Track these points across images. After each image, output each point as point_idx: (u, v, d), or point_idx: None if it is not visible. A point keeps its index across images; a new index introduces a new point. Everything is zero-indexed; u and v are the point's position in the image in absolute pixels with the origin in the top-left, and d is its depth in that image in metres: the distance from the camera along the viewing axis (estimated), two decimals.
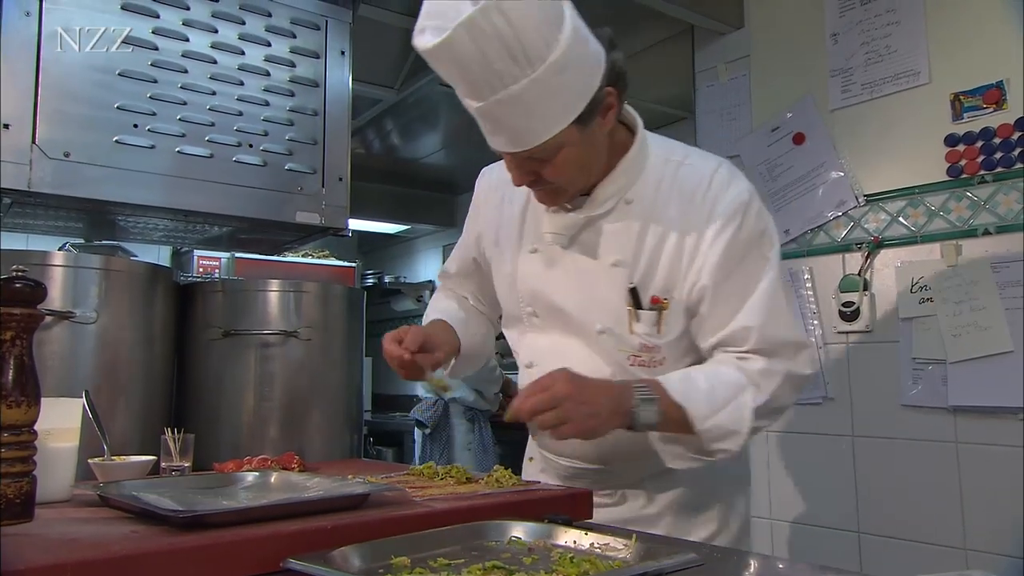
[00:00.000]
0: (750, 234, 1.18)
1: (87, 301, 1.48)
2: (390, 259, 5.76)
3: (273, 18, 1.77)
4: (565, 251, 1.23)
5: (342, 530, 0.86)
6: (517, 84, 1.00)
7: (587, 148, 1.13)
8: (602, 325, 1.20)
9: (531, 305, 1.28)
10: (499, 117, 1.05)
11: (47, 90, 1.47)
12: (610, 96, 1.12)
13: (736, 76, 2.57)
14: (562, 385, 1.05)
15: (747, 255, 1.17)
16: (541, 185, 1.15)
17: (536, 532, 0.93)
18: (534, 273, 1.27)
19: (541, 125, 1.05)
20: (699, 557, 0.84)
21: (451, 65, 1.02)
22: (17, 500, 0.89)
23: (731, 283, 1.16)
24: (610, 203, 1.20)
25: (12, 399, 0.89)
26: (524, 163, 1.12)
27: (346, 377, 1.83)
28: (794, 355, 1.17)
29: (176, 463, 1.33)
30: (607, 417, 1.07)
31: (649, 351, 1.20)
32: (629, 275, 1.19)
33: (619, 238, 1.20)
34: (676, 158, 1.24)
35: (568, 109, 1.06)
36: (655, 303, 1.18)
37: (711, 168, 1.22)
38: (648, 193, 1.21)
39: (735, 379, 1.14)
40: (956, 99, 2.02)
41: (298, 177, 1.77)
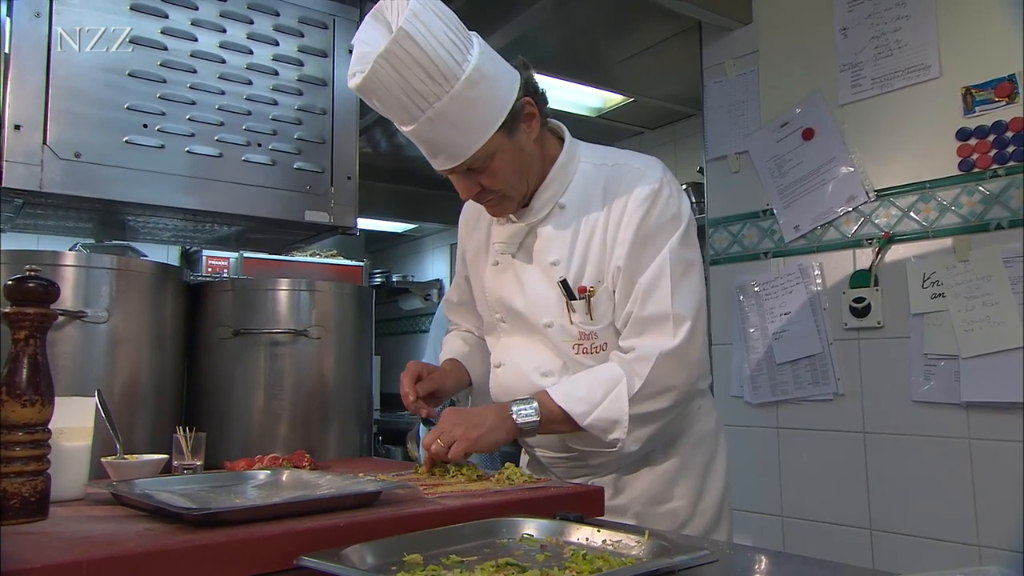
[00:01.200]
0: (658, 219, 1.28)
1: (99, 301, 1.48)
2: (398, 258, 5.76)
3: (281, 17, 1.77)
4: (514, 259, 1.38)
5: (354, 528, 0.86)
6: (440, 101, 1.14)
7: (518, 154, 1.27)
8: (547, 319, 1.33)
9: (498, 312, 1.42)
10: (432, 136, 1.19)
11: (57, 91, 1.48)
12: (529, 105, 1.26)
13: (744, 72, 2.56)
14: (446, 419, 1.24)
15: (654, 239, 1.28)
16: (487, 196, 1.30)
17: (548, 529, 0.93)
18: (495, 283, 1.42)
19: (469, 136, 1.19)
20: (712, 554, 0.83)
21: (382, 94, 1.15)
22: (32, 498, 0.89)
23: (637, 265, 1.28)
24: (546, 209, 1.34)
25: (26, 398, 0.90)
26: (466, 177, 1.26)
27: (355, 376, 1.83)
28: (670, 330, 1.25)
29: (188, 461, 1.33)
30: (491, 427, 1.21)
31: (588, 338, 1.32)
32: (564, 271, 1.31)
33: (555, 240, 1.33)
34: (606, 162, 1.37)
35: (491, 119, 1.20)
36: (583, 292, 1.30)
37: (630, 164, 1.35)
38: (578, 197, 1.34)
39: (612, 373, 1.26)
40: (967, 93, 2.00)
41: (307, 176, 1.78)
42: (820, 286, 2.29)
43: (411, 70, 1.12)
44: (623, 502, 1.36)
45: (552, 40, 2.78)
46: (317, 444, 1.68)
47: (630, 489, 1.37)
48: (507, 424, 1.22)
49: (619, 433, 1.24)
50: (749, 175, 2.50)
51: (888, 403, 2.11)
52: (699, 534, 1.36)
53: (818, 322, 2.27)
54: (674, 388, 1.27)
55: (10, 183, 1.41)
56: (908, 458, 2.06)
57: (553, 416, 1.23)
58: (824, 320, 2.26)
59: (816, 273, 2.30)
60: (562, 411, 1.23)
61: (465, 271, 1.58)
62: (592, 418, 1.23)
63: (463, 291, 1.62)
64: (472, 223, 1.54)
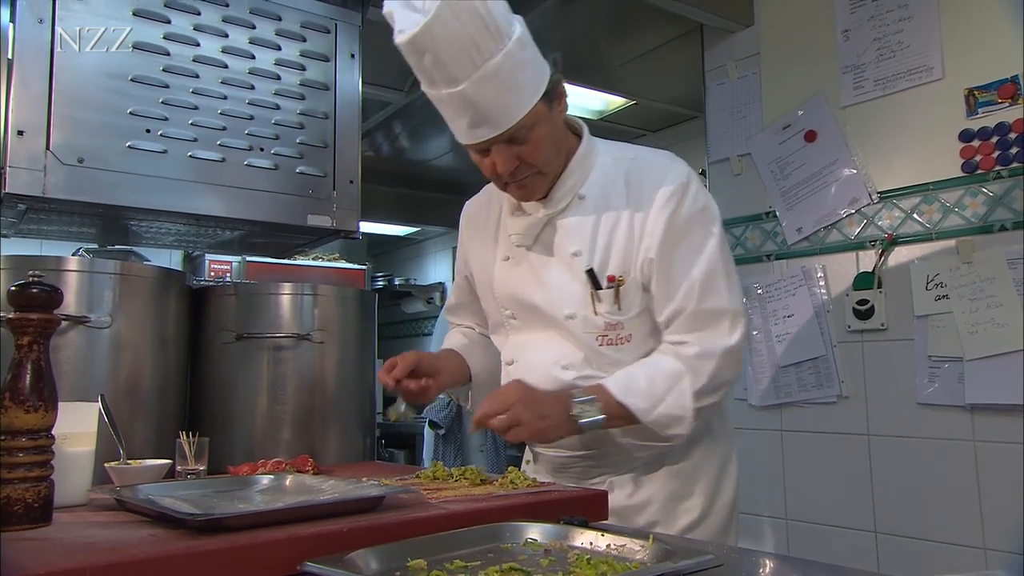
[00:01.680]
0: (690, 210, 1.28)
1: (102, 306, 1.49)
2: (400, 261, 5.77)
3: (283, 22, 1.77)
4: (530, 251, 1.36)
5: (358, 533, 0.86)
6: (494, 58, 1.12)
7: (555, 130, 1.26)
8: (569, 311, 1.30)
9: (508, 308, 1.40)
10: (480, 98, 1.14)
11: (60, 96, 1.48)
12: (560, 83, 1.26)
13: (746, 74, 2.56)
14: (513, 393, 1.20)
15: (689, 229, 1.28)
16: (523, 172, 1.25)
17: (552, 533, 0.93)
18: (508, 278, 1.39)
19: (518, 99, 1.16)
20: (716, 558, 0.83)
21: (439, 44, 1.10)
22: (36, 504, 0.89)
23: (675, 257, 1.27)
24: (565, 200, 1.32)
25: (30, 404, 0.90)
26: (507, 148, 1.21)
27: (358, 379, 1.83)
28: (728, 327, 1.27)
29: (191, 467, 1.33)
30: (557, 422, 1.19)
31: (614, 328, 1.30)
32: (587, 262, 1.29)
33: (576, 231, 1.31)
34: (625, 155, 1.37)
35: (536, 84, 1.19)
36: (611, 281, 1.29)
37: (652, 158, 1.35)
38: (598, 188, 1.33)
39: (673, 368, 1.25)
40: (970, 94, 2.00)
41: (309, 180, 1.78)
42: (823, 288, 2.28)
43: (472, 20, 1.09)
44: (641, 500, 1.35)
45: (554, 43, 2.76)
46: (320, 448, 1.68)
47: (648, 487, 1.35)
48: (569, 425, 1.20)
49: (681, 429, 1.24)
50: (751, 177, 2.50)
51: (892, 405, 2.11)
52: (712, 534, 1.35)
53: (821, 324, 2.27)
54: (727, 383, 1.29)
55: (13, 188, 1.41)
56: (912, 461, 2.06)
57: (613, 412, 1.22)
58: (827, 322, 2.26)
59: (819, 275, 2.29)
60: (622, 407, 1.21)
61: (465, 271, 1.56)
62: (656, 414, 1.22)
63: (462, 292, 1.60)
64: (477, 220, 1.51)
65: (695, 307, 1.26)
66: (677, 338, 1.28)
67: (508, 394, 1.20)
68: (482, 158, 1.26)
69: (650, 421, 1.22)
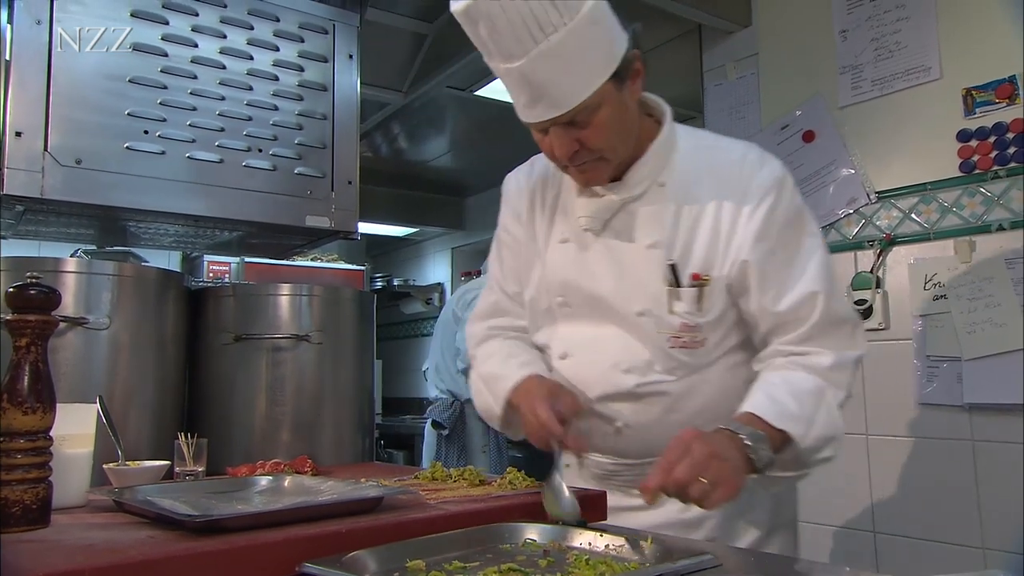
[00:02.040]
0: (787, 210, 1.17)
1: (100, 307, 1.49)
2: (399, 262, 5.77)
3: (281, 23, 1.77)
4: (598, 237, 1.22)
5: (357, 534, 0.86)
6: (557, 33, 1.01)
7: (623, 112, 1.13)
8: (641, 307, 1.17)
9: (562, 295, 1.25)
10: (539, 76, 1.04)
11: (58, 98, 1.48)
12: (638, 61, 1.13)
13: (744, 75, 2.56)
14: (701, 447, 0.96)
15: (788, 229, 1.17)
16: (583, 156, 1.13)
17: (550, 534, 0.93)
18: (565, 262, 1.25)
19: (581, 80, 1.05)
20: (715, 558, 0.83)
21: (494, 17, 1.01)
22: (34, 506, 0.89)
23: (778, 258, 1.16)
24: (643, 186, 1.20)
25: (28, 405, 0.89)
26: (566, 131, 1.10)
27: (357, 380, 1.83)
28: (851, 334, 1.17)
29: (190, 468, 1.33)
30: (744, 468, 1.00)
31: (690, 331, 1.17)
32: (666, 255, 1.17)
33: (654, 220, 1.19)
34: (707, 144, 1.26)
35: (604, 63, 1.07)
36: (695, 280, 1.16)
37: (741, 150, 1.23)
38: (680, 176, 1.20)
39: (812, 384, 1.12)
40: (968, 94, 2.00)
41: (307, 181, 1.78)
42: None
43: None
44: (697, 515, 1.16)
45: None
46: (319, 449, 1.68)
47: None
48: (749, 468, 1.02)
49: (831, 451, 1.11)
50: None
51: (890, 405, 2.11)
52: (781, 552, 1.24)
53: None
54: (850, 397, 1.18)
55: (11, 190, 1.41)
56: (911, 460, 2.06)
57: (774, 443, 1.04)
58: None
59: None
60: (781, 435, 1.05)
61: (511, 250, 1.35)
62: (812, 437, 1.08)
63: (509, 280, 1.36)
64: (528, 192, 1.33)
65: (822, 314, 1.14)
66: (799, 348, 1.15)
67: (695, 450, 0.95)
68: (542, 137, 1.14)
69: (807, 447, 1.07)
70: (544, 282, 1.28)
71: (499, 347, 1.33)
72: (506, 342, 1.35)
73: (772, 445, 1.04)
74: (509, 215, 1.37)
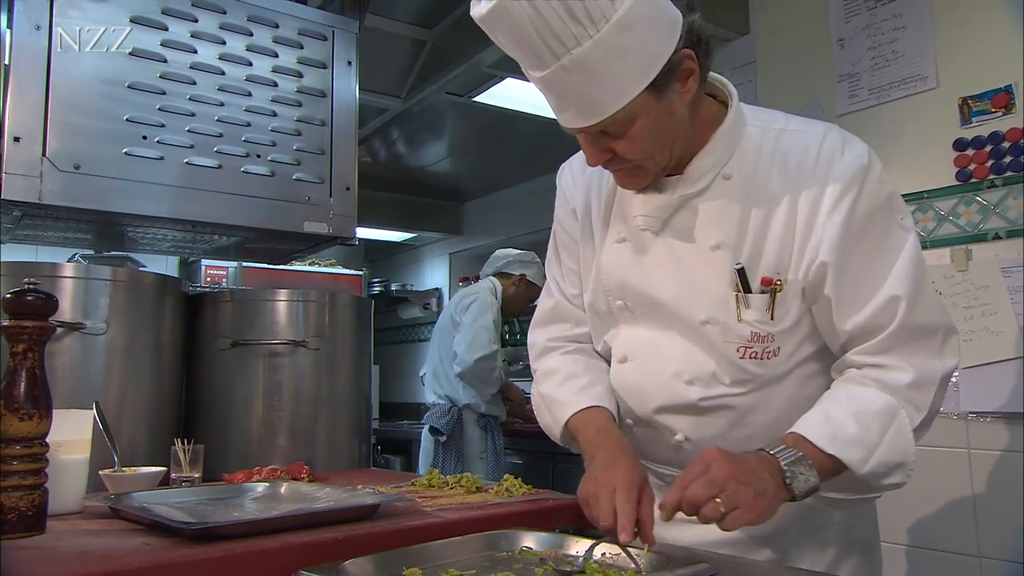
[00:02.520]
0: (874, 201, 1.04)
1: (97, 312, 1.48)
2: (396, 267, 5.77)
3: (280, 29, 1.78)
4: (657, 236, 1.11)
5: (353, 541, 0.86)
6: (581, 47, 0.92)
7: (665, 119, 1.01)
8: (706, 315, 1.06)
9: (621, 298, 1.15)
10: (564, 87, 0.96)
11: (57, 103, 1.48)
12: (689, 60, 1.00)
13: (742, 82, 2.57)
14: (721, 466, 0.90)
15: (874, 225, 1.04)
16: (618, 164, 1.05)
17: (547, 542, 0.93)
18: (623, 263, 1.14)
19: (611, 93, 0.96)
20: (712, 567, 0.83)
21: (509, 30, 0.94)
22: (29, 512, 0.89)
23: (859, 258, 1.03)
24: (706, 179, 1.08)
25: (24, 412, 0.89)
26: (597, 139, 1.02)
27: (354, 386, 1.83)
28: (940, 345, 1.03)
29: (186, 474, 1.33)
30: (773, 496, 0.91)
31: (761, 341, 1.06)
32: (733, 257, 1.06)
33: (719, 218, 1.07)
34: (777, 126, 1.11)
35: (640, 74, 0.96)
36: (766, 285, 1.05)
37: (819, 133, 1.09)
38: (748, 167, 1.08)
39: (884, 404, 1.00)
40: (964, 103, 2.01)
41: (306, 187, 1.78)
42: None
43: (549, 4, 0.90)
44: (762, 531, 1.07)
45: None
46: (316, 455, 1.68)
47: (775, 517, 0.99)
48: (783, 494, 0.92)
49: (900, 477, 1.00)
50: None
51: None
52: None
53: None
54: (938, 413, 1.04)
55: (9, 195, 1.41)
56: None
57: (825, 469, 0.95)
58: None
59: None
60: (833, 460, 0.96)
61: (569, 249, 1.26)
62: (872, 464, 0.97)
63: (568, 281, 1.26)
64: (584, 184, 1.23)
65: (902, 322, 1.01)
66: (877, 360, 1.03)
67: (715, 470, 0.89)
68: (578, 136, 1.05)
69: (866, 473, 0.97)
70: (601, 285, 1.18)
71: (559, 364, 1.24)
72: (566, 358, 1.24)
73: (823, 469, 0.95)
74: (564, 210, 1.26)
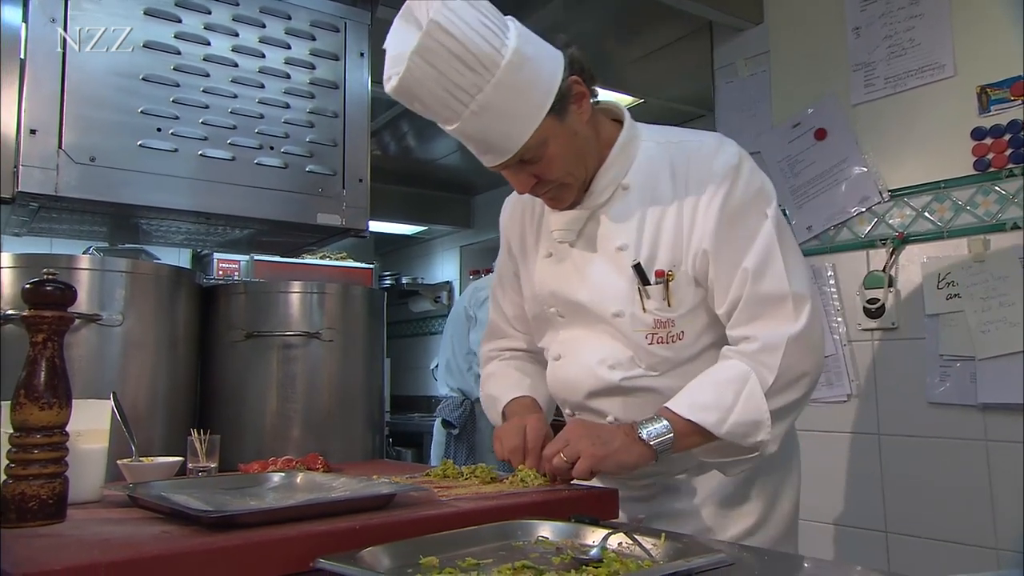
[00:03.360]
0: (744, 194, 1.19)
1: (113, 304, 1.49)
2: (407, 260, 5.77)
3: (293, 21, 1.78)
4: (573, 247, 1.29)
5: (370, 530, 0.86)
6: (482, 92, 1.07)
7: (572, 139, 1.18)
8: (616, 308, 1.23)
9: (553, 305, 1.32)
10: (479, 132, 1.11)
11: (72, 96, 1.49)
12: (577, 84, 1.17)
13: (756, 72, 2.55)
14: (572, 430, 1.14)
15: (744, 216, 1.19)
16: (545, 187, 1.21)
17: (563, 532, 0.93)
18: (550, 274, 1.32)
19: (518, 126, 1.11)
20: (728, 557, 0.83)
21: (421, 94, 1.09)
22: (50, 500, 0.90)
23: (729, 246, 1.18)
24: (608, 192, 1.25)
25: (44, 401, 0.90)
26: (520, 169, 1.18)
27: (368, 378, 1.83)
28: (792, 311, 1.16)
29: (202, 464, 1.34)
30: (620, 447, 1.11)
31: (664, 326, 1.22)
32: (634, 256, 1.22)
33: (621, 224, 1.24)
34: (669, 139, 1.28)
35: (538, 104, 1.12)
36: (660, 276, 1.21)
37: (700, 141, 1.26)
38: (643, 177, 1.25)
39: (737, 371, 1.15)
40: (982, 92, 1.98)
41: (319, 179, 1.78)
42: (834, 287, 2.27)
43: (448, 63, 1.05)
44: (693, 505, 1.27)
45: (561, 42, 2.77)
46: (330, 446, 1.68)
47: (701, 491, 1.28)
48: (637, 447, 1.11)
49: (762, 435, 1.14)
50: None
51: (903, 405, 2.10)
52: (770, 544, 1.27)
53: (832, 323, 2.26)
54: (807, 374, 1.17)
55: (26, 187, 1.42)
56: (924, 460, 2.05)
57: (684, 431, 1.12)
58: (838, 321, 2.25)
59: (829, 274, 2.28)
60: (692, 424, 1.12)
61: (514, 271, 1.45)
62: (729, 424, 1.12)
63: (515, 304, 1.47)
64: (518, 216, 1.42)
65: (749, 293, 1.16)
66: (738, 333, 1.19)
67: (566, 431, 1.14)
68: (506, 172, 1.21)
69: (725, 433, 1.12)
70: (536, 296, 1.35)
71: (496, 369, 1.49)
72: (501, 363, 1.50)
73: (684, 434, 1.12)
74: (503, 245, 1.47)
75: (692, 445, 1.15)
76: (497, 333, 1.52)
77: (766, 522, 1.29)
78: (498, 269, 1.51)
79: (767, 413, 1.14)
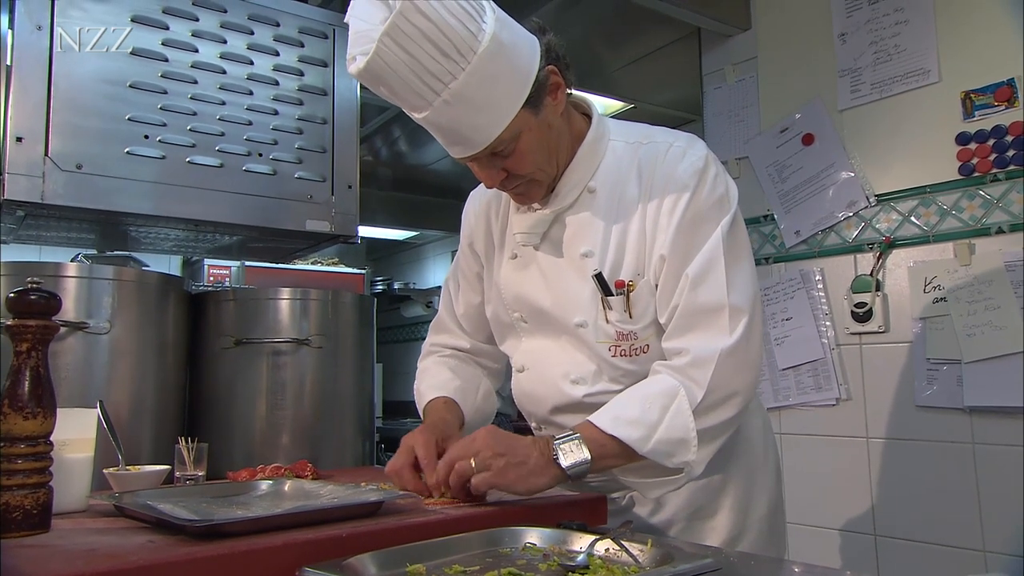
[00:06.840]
0: (707, 200, 1.13)
1: (100, 311, 1.49)
2: (399, 265, 5.77)
3: (281, 27, 1.78)
4: (537, 251, 1.22)
5: (357, 538, 0.86)
6: (456, 80, 0.99)
7: (546, 132, 1.12)
8: (579, 318, 1.17)
9: (517, 311, 1.26)
10: (449, 122, 1.04)
11: (59, 103, 1.48)
12: (553, 75, 1.11)
13: (744, 78, 2.57)
14: (482, 438, 1.04)
15: (704, 222, 1.13)
16: (513, 182, 1.14)
17: (550, 538, 0.93)
18: (515, 278, 1.26)
19: (492, 117, 1.04)
20: (715, 562, 0.83)
21: (389, 79, 1.00)
22: (34, 511, 0.89)
23: (681, 251, 1.12)
24: (573, 194, 1.19)
25: (28, 410, 0.89)
26: (490, 161, 1.11)
27: (358, 384, 1.83)
28: (726, 324, 1.09)
29: (190, 472, 1.33)
30: (534, 469, 1.02)
31: (627, 339, 1.16)
32: (598, 263, 1.16)
33: (586, 229, 1.18)
34: (640, 140, 1.21)
35: (514, 95, 1.05)
36: (620, 287, 1.15)
37: (668, 142, 1.19)
38: (610, 179, 1.18)
39: (664, 385, 1.08)
40: (967, 97, 2.00)
41: (308, 185, 1.78)
42: (821, 291, 2.28)
43: (420, 47, 0.97)
44: (665, 518, 1.22)
45: None
46: (319, 453, 1.68)
47: (672, 503, 1.22)
48: (551, 470, 1.03)
49: (687, 455, 1.06)
50: (749, 180, 2.50)
51: (891, 408, 2.11)
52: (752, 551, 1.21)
53: (820, 327, 2.27)
54: (738, 393, 1.10)
55: (12, 195, 1.42)
56: (912, 463, 2.06)
57: (605, 450, 1.04)
58: (826, 325, 2.26)
59: (817, 278, 2.29)
60: (615, 441, 1.04)
61: (475, 270, 1.38)
62: (653, 442, 1.04)
63: (470, 304, 1.40)
64: (482, 215, 1.35)
65: (685, 303, 1.10)
66: (671, 345, 1.12)
67: (475, 439, 1.04)
68: (473, 165, 1.15)
69: (648, 451, 1.04)
70: (500, 300, 1.29)
71: (430, 365, 1.43)
72: (438, 360, 1.43)
73: (605, 451, 1.04)
74: (465, 241, 1.39)
75: (613, 465, 1.08)
76: (442, 328, 1.45)
77: (743, 533, 1.23)
78: (457, 264, 1.43)
79: (694, 432, 1.06)
